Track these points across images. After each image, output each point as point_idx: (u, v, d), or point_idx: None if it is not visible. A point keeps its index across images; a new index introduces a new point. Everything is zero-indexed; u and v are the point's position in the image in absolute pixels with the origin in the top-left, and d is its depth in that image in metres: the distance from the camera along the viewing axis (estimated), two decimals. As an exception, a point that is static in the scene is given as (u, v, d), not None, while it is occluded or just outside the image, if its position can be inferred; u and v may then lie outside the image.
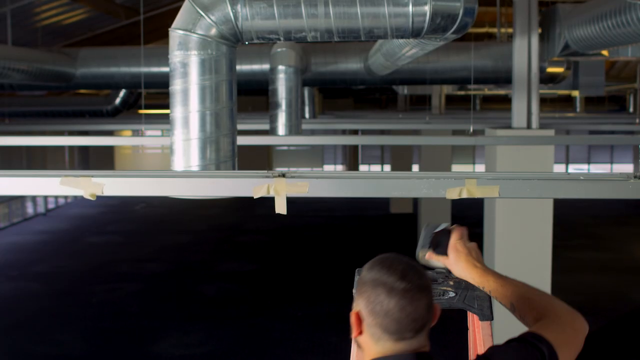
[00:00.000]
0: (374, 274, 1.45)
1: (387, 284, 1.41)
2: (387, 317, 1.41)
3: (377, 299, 1.41)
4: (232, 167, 3.21)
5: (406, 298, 1.40)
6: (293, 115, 6.77)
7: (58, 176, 2.12)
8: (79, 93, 15.11)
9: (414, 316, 1.41)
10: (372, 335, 1.44)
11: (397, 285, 1.41)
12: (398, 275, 1.42)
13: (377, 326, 1.42)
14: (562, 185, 2.07)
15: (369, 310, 1.43)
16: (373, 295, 1.42)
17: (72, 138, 10.84)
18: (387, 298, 1.41)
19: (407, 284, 1.41)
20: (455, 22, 3.10)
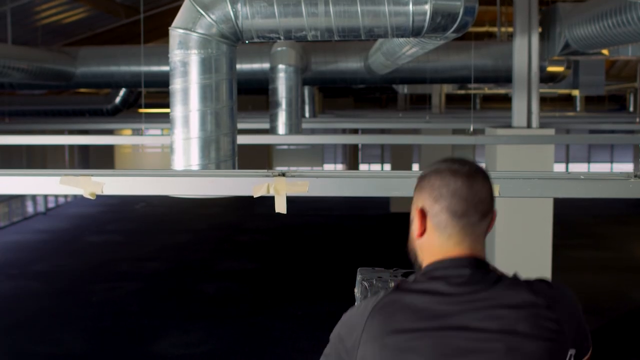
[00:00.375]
0: (434, 167, 1.46)
1: (451, 169, 1.43)
2: (454, 197, 1.41)
3: (442, 182, 1.42)
4: (232, 166, 3.21)
5: (471, 178, 1.42)
6: (293, 114, 6.77)
7: (58, 175, 2.12)
8: (78, 92, 15.12)
9: (480, 196, 1.43)
10: (438, 225, 1.43)
11: (461, 168, 1.43)
12: (459, 162, 1.45)
13: (444, 211, 1.42)
14: (562, 185, 2.07)
15: (434, 196, 1.43)
16: (438, 181, 1.43)
17: (72, 137, 10.84)
18: (453, 179, 1.41)
19: (470, 168, 1.44)
20: (456, 21, 3.10)
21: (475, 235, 1.45)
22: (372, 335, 1.38)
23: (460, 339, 1.35)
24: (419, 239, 1.47)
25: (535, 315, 1.38)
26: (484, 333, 1.36)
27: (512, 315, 1.37)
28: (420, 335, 1.36)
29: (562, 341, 1.39)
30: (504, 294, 1.39)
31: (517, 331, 1.36)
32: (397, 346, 1.36)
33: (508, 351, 1.35)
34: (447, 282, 1.40)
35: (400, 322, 1.37)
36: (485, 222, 1.46)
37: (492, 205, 1.46)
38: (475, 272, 1.41)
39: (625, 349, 7.88)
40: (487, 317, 1.37)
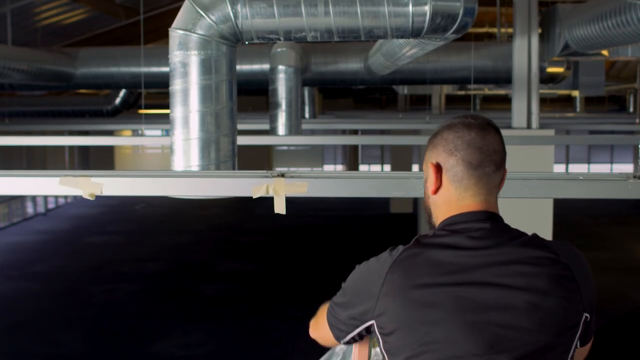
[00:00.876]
0: (445, 124, 1.47)
1: (463, 122, 1.45)
2: (469, 147, 1.42)
3: (456, 134, 1.43)
4: (232, 167, 3.21)
5: (484, 130, 1.44)
6: (293, 115, 6.77)
7: (57, 176, 2.12)
8: (78, 93, 15.11)
9: (494, 147, 1.44)
10: (454, 177, 1.44)
11: (473, 121, 1.45)
12: (470, 116, 1.46)
13: (460, 162, 1.43)
14: (562, 185, 2.07)
15: (449, 150, 1.44)
16: (452, 134, 1.44)
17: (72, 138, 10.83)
18: (467, 131, 1.43)
19: (482, 121, 1.45)
20: (455, 22, 3.10)
21: (490, 187, 1.46)
22: (393, 289, 1.38)
23: (481, 294, 1.35)
24: (434, 196, 1.48)
25: (555, 274, 1.38)
26: (504, 289, 1.35)
27: (532, 272, 1.36)
28: (441, 290, 1.36)
29: (579, 302, 1.39)
30: (524, 250, 1.39)
31: (537, 288, 1.35)
32: (418, 300, 1.36)
33: (528, 308, 1.34)
34: (468, 236, 1.40)
35: (422, 277, 1.37)
36: (499, 174, 1.47)
37: (504, 158, 1.47)
38: (495, 226, 1.42)
39: (625, 349, 7.88)
40: (507, 272, 1.36)
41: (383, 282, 1.39)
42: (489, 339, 1.34)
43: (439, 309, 1.35)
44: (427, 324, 1.35)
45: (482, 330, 1.34)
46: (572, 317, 1.39)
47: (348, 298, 1.50)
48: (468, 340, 1.34)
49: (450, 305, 1.35)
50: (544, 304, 1.35)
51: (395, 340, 1.39)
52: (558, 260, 1.39)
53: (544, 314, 1.35)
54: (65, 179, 2.11)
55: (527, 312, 1.35)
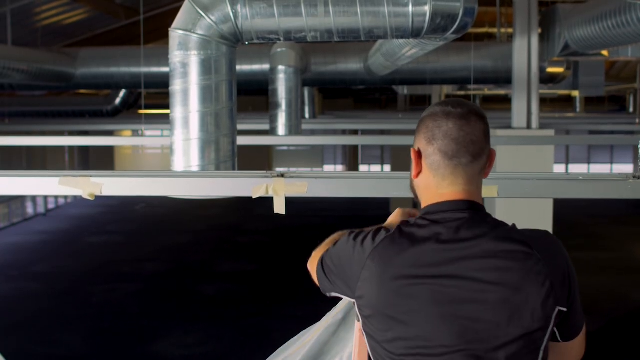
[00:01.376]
0: (431, 109, 1.51)
1: (445, 110, 1.47)
2: (446, 138, 1.45)
3: (435, 123, 1.46)
4: (232, 167, 3.21)
5: (463, 119, 1.45)
6: (293, 116, 6.78)
7: (57, 176, 2.12)
8: (79, 93, 15.11)
9: (472, 138, 1.45)
10: (432, 165, 1.48)
11: (454, 110, 1.46)
12: (454, 103, 1.48)
13: (437, 152, 1.46)
14: (562, 185, 2.07)
15: (428, 137, 1.47)
16: (431, 122, 1.47)
17: (72, 138, 10.84)
18: (445, 120, 1.45)
19: (463, 109, 1.46)
20: (455, 22, 3.10)
21: (469, 176, 1.48)
22: (371, 275, 1.43)
23: (456, 288, 1.39)
24: (416, 179, 1.54)
25: (528, 269, 1.40)
26: (476, 283, 1.39)
27: (505, 266, 1.39)
28: (418, 282, 1.40)
29: (551, 296, 1.40)
30: (499, 244, 1.42)
31: (508, 282, 1.38)
32: (395, 291, 1.41)
33: (499, 302, 1.38)
34: (446, 227, 1.43)
35: (399, 268, 1.41)
36: (479, 163, 1.49)
37: (485, 146, 1.49)
38: (473, 217, 1.45)
39: (625, 349, 7.88)
40: (481, 267, 1.40)
41: (363, 267, 1.45)
42: (459, 331, 1.38)
43: (414, 300, 1.40)
44: (401, 314, 1.40)
45: (453, 322, 1.38)
46: (543, 312, 1.40)
47: (334, 268, 1.55)
48: (439, 332, 1.39)
49: (424, 297, 1.40)
50: (514, 299, 1.38)
51: (372, 324, 1.45)
52: (532, 254, 1.41)
53: (513, 309, 1.38)
54: (65, 179, 2.11)
55: (497, 307, 1.38)
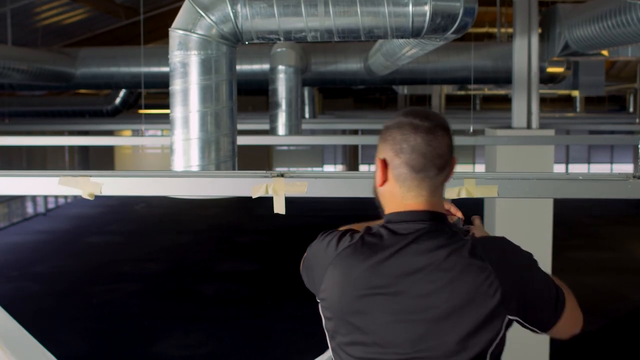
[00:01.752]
0: (397, 120, 1.53)
1: (413, 123, 1.50)
2: (414, 152, 1.49)
3: (403, 136, 1.49)
4: (232, 167, 3.21)
5: (431, 134, 1.49)
6: (293, 115, 6.77)
7: (57, 176, 2.12)
8: (79, 93, 15.11)
9: (439, 151, 1.50)
10: (398, 177, 1.52)
11: (422, 123, 1.49)
12: (421, 116, 1.51)
13: (404, 165, 1.50)
14: (561, 185, 2.07)
15: (395, 150, 1.50)
16: (399, 135, 1.50)
17: (72, 138, 10.84)
18: (413, 134, 1.49)
19: (431, 123, 1.50)
20: (455, 22, 3.10)
21: (434, 188, 1.53)
22: (333, 280, 1.50)
23: (410, 298, 1.46)
24: (380, 187, 1.56)
25: (480, 282, 1.44)
26: (430, 294, 1.45)
27: (457, 278, 1.44)
28: (375, 291, 1.47)
29: (501, 307, 1.44)
30: (453, 256, 1.46)
31: (459, 294, 1.43)
32: (355, 298, 1.48)
33: (448, 313, 1.44)
34: (405, 238, 1.49)
35: (359, 277, 1.48)
36: (443, 175, 1.54)
37: (449, 159, 1.53)
38: (433, 228, 1.50)
39: (625, 349, 7.88)
40: (435, 278, 1.45)
41: (326, 272, 1.52)
42: (411, 339, 1.45)
43: (371, 308, 1.47)
44: (358, 320, 1.48)
45: (406, 331, 1.46)
46: (491, 323, 1.45)
47: (307, 265, 1.64)
48: (393, 339, 1.46)
49: (380, 306, 1.47)
50: (464, 310, 1.43)
51: (332, 325, 1.53)
52: (484, 267, 1.45)
53: (462, 320, 1.44)
54: (64, 179, 2.11)
55: (447, 317, 1.44)
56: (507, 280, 1.45)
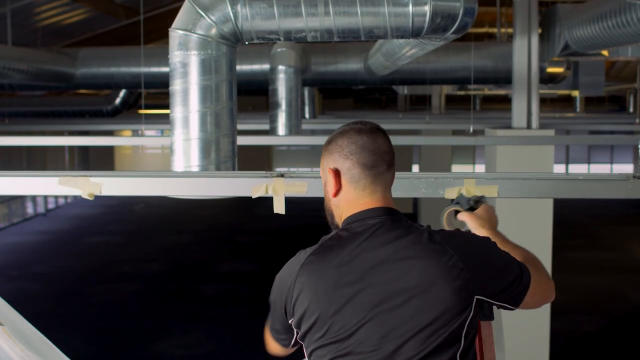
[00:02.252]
0: (339, 131, 1.63)
1: (354, 128, 1.60)
2: (363, 151, 1.57)
3: (349, 140, 1.58)
4: (232, 167, 3.21)
5: (374, 133, 1.60)
6: (293, 115, 6.77)
7: (57, 176, 2.12)
8: (79, 93, 15.11)
9: (384, 148, 1.60)
10: (352, 178, 1.59)
11: (363, 126, 1.61)
12: (358, 123, 1.62)
13: (355, 165, 1.58)
14: (561, 185, 2.07)
15: (344, 154, 1.58)
16: (345, 140, 1.59)
17: (72, 138, 10.85)
18: (358, 136, 1.58)
19: (368, 125, 1.61)
20: (455, 22, 3.10)
21: (385, 184, 1.61)
22: (302, 289, 1.54)
23: (377, 291, 1.50)
24: (335, 198, 1.63)
25: (442, 264, 1.50)
26: (395, 283, 1.49)
27: (420, 265, 1.49)
28: (343, 289, 1.51)
29: (467, 288, 1.50)
30: (414, 244, 1.52)
31: (424, 280, 1.48)
32: (326, 299, 1.52)
33: (416, 299, 1.48)
34: (364, 234, 1.54)
35: (326, 278, 1.52)
36: (391, 173, 1.63)
37: (393, 158, 1.63)
38: (389, 221, 1.56)
39: (625, 349, 7.88)
40: (398, 267, 1.50)
41: (294, 287, 1.55)
42: (379, 332, 1.49)
43: (342, 306, 1.50)
44: (331, 321, 1.51)
45: (377, 323, 1.49)
46: (459, 303, 1.49)
47: (273, 309, 1.65)
48: (366, 334, 1.49)
49: (350, 303, 1.50)
50: (430, 294, 1.48)
51: (309, 336, 1.55)
52: (445, 250, 1.51)
53: (430, 304, 1.48)
54: (64, 179, 2.11)
55: (416, 304, 1.48)
56: (468, 260, 1.51)
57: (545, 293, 1.67)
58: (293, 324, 1.58)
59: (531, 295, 1.60)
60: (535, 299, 1.63)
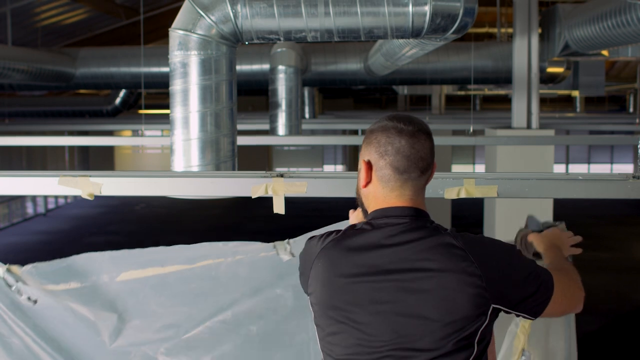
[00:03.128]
0: (382, 123, 1.60)
1: (397, 127, 1.56)
2: (398, 154, 1.55)
3: (388, 139, 1.56)
4: (232, 167, 3.21)
5: (414, 137, 1.56)
6: (293, 115, 6.78)
7: (57, 176, 2.12)
8: (78, 93, 15.11)
9: (422, 154, 1.56)
10: (382, 178, 1.57)
11: (405, 127, 1.56)
12: (405, 120, 1.58)
13: (388, 166, 1.56)
14: (561, 185, 2.07)
15: (380, 152, 1.56)
16: (384, 138, 1.56)
17: (72, 138, 10.83)
18: (397, 137, 1.55)
19: (414, 127, 1.57)
20: (455, 22, 3.10)
21: (416, 189, 1.59)
22: (317, 274, 1.56)
23: (392, 288, 1.50)
24: (364, 189, 1.62)
25: (460, 270, 1.49)
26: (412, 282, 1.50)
27: (438, 268, 1.49)
28: (357, 282, 1.52)
29: (483, 296, 1.49)
30: (435, 247, 1.52)
31: (441, 284, 1.48)
32: (338, 289, 1.53)
33: (431, 301, 1.48)
34: (387, 231, 1.55)
35: (341, 269, 1.53)
36: (425, 177, 1.60)
37: (431, 162, 1.60)
38: (414, 222, 1.56)
39: (625, 349, 7.88)
40: (416, 267, 1.50)
41: (312, 267, 1.58)
42: (394, 328, 1.49)
43: (354, 299, 1.52)
44: (342, 311, 1.52)
45: (388, 320, 1.50)
46: (474, 310, 1.49)
47: (300, 272, 1.68)
48: (377, 328, 1.50)
49: (363, 296, 1.51)
50: (446, 299, 1.48)
51: (319, 318, 1.57)
52: (466, 257, 1.50)
53: (445, 308, 1.48)
54: (64, 179, 2.11)
55: (430, 305, 1.48)
56: (489, 268, 1.50)
57: (570, 305, 1.66)
58: (309, 295, 1.61)
59: (553, 307, 1.59)
60: (557, 310, 1.62)
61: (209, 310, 2.06)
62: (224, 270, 2.08)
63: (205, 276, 2.07)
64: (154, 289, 2.06)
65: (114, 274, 2.05)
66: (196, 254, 2.09)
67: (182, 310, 2.06)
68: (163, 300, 2.06)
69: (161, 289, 2.05)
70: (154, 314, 2.05)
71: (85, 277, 2.07)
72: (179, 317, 2.05)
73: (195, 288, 2.07)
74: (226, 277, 2.08)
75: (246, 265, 2.09)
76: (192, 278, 2.07)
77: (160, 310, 2.06)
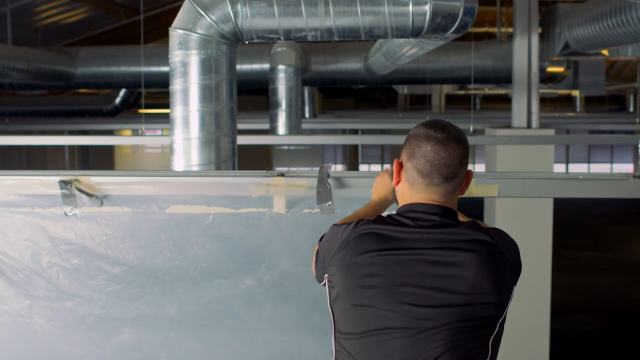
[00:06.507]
0: (417, 128, 1.67)
1: (427, 133, 1.62)
2: (422, 159, 1.61)
3: (416, 143, 1.63)
4: (232, 167, 3.21)
5: (441, 144, 1.60)
6: (293, 115, 6.78)
7: (57, 176, 2.12)
8: (78, 92, 15.11)
9: (446, 162, 1.60)
10: (409, 179, 1.64)
11: (435, 134, 1.62)
12: (438, 127, 1.63)
13: (414, 169, 1.62)
14: (561, 185, 2.07)
15: (408, 154, 1.64)
16: (414, 142, 1.63)
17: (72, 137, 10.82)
18: (425, 142, 1.61)
19: (444, 134, 1.61)
20: (456, 22, 3.10)
21: (442, 193, 1.63)
22: (343, 258, 1.59)
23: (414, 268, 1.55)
24: (396, 187, 1.71)
25: (493, 255, 1.56)
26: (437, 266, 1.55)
27: (468, 248, 1.55)
28: (379, 254, 1.57)
29: (510, 278, 1.59)
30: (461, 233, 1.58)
31: (475, 268, 1.54)
32: (359, 262, 1.57)
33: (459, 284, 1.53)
34: (415, 222, 1.60)
35: (365, 246, 1.58)
36: (451, 184, 1.63)
37: (459, 171, 1.63)
38: (443, 219, 1.61)
39: (625, 349, 7.88)
40: (447, 254, 1.55)
41: (339, 249, 1.61)
42: (412, 311, 1.53)
43: (375, 267, 1.55)
44: (362, 298, 1.55)
45: (408, 302, 1.53)
46: (502, 292, 1.56)
47: (321, 249, 1.70)
48: (394, 311, 1.54)
49: (381, 278, 1.55)
50: (476, 282, 1.53)
51: (336, 303, 1.60)
52: (494, 244, 1.58)
53: (473, 291, 1.53)
54: (64, 178, 2.11)
55: (458, 288, 1.53)
56: (511, 256, 1.61)
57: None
58: (326, 276, 1.64)
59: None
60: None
61: (247, 267, 2.16)
62: (267, 221, 2.14)
63: (248, 225, 2.15)
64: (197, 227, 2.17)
65: (163, 205, 2.18)
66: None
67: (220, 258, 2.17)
68: (204, 242, 2.17)
69: (204, 228, 2.16)
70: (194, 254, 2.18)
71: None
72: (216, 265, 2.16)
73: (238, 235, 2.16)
74: (269, 229, 2.15)
75: (288, 221, 2.15)
76: (235, 224, 2.15)
77: (200, 251, 2.17)
